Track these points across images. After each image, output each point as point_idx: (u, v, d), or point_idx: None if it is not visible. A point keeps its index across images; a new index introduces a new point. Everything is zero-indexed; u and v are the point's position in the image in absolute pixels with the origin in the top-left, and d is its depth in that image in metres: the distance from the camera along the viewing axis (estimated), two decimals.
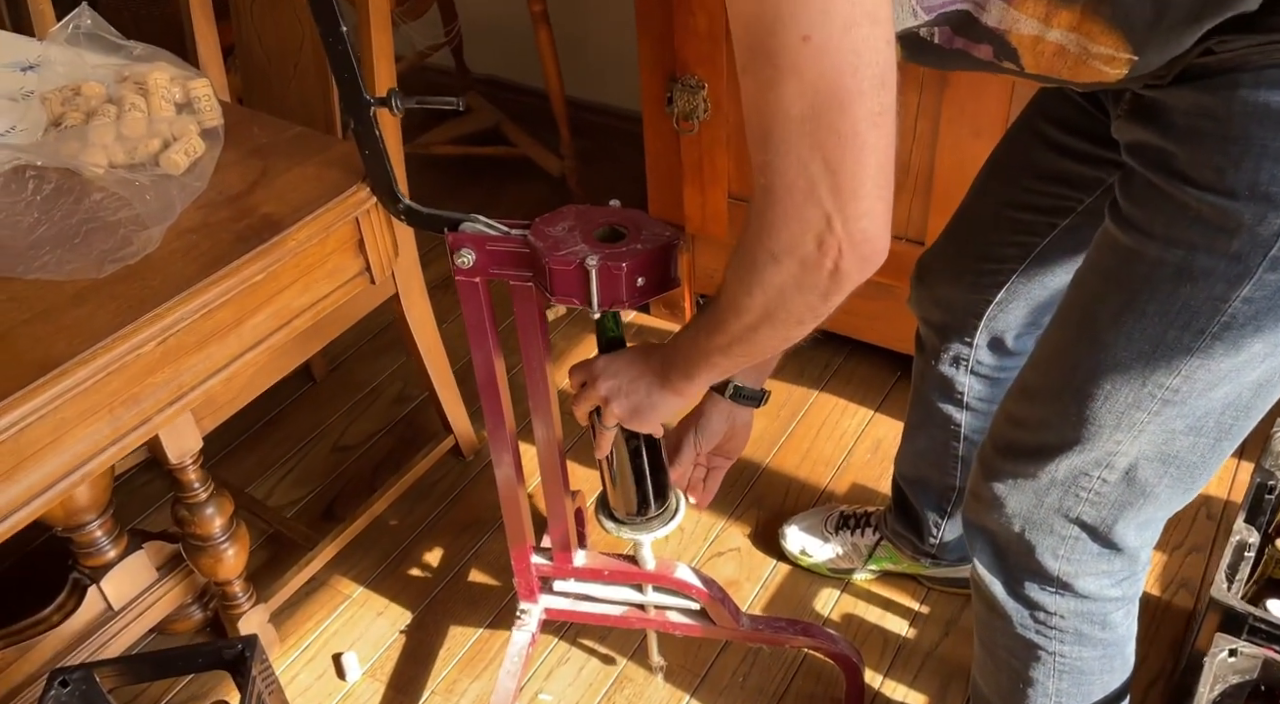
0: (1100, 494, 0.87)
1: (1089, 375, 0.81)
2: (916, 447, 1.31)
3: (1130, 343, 0.78)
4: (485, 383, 1.06)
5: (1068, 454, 0.85)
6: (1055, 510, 0.89)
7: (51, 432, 0.81)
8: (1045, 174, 0.99)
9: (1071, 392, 0.83)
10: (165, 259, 0.91)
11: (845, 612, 1.43)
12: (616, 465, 1.06)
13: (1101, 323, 0.80)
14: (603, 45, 2.31)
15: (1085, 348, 0.82)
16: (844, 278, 0.69)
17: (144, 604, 1.33)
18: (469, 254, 0.95)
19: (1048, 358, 0.88)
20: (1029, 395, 0.90)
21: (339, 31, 0.86)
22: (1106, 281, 0.80)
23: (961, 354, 1.18)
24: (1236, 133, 0.68)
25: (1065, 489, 0.87)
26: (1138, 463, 0.84)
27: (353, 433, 1.76)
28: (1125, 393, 0.80)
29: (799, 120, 0.62)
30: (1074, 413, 0.83)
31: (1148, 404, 0.80)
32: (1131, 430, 0.82)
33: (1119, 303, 0.78)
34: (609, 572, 1.23)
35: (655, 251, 0.90)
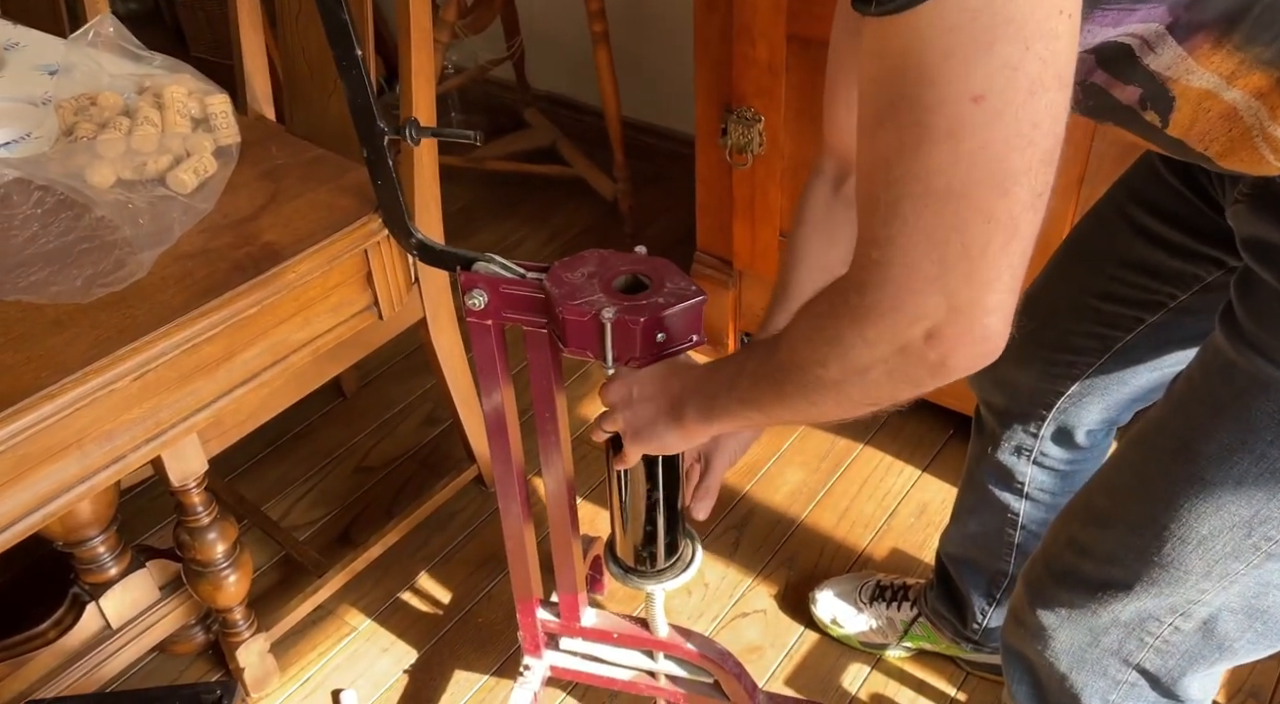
0: (1170, 643, 0.76)
1: (1183, 516, 0.71)
2: (967, 530, 1.21)
3: (1240, 487, 0.68)
4: (494, 429, 1.00)
5: (1139, 596, 0.75)
6: (1113, 653, 0.78)
7: (12, 468, 0.76)
8: (1134, 263, 0.88)
9: (1156, 530, 0.72)
10: (156, 286, 0.87)
11: (875, 691, 1.33)
12: (630, 513, 1.00)
13: (1206, 459, 0.70)
14: (663, 68, 2.25)
15: (1182, 485, 0.71)
16: (948, 372, 0.57)
17: (144, 624, 1.29)
18: (481, 296, 0.89)
19: (1129, 485, 0.77)
20: (1100, 522, 0.79)
21: (354, 55, 0.80)
22: (1216, 411, 0.69)
23: (1025, 444, 1.07)
24: None
25: (1129, 632, 0.77)
26: (1220, 614, 0.73)
27: (377, 454, 1.71)
28: (1225, 541, 0.70)
29: (942, 195, 0.50)
30: (1155, 553, 0.73)
31: (1249, 556, 0.70)
32: (1223, 580, 0.71)
33: (1231, 438, 0.68)
34: (618, 635, 1.15)
35: (677, 307, 0.83)
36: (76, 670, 1.24)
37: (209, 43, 2.96)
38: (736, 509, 1.57)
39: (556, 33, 2.37)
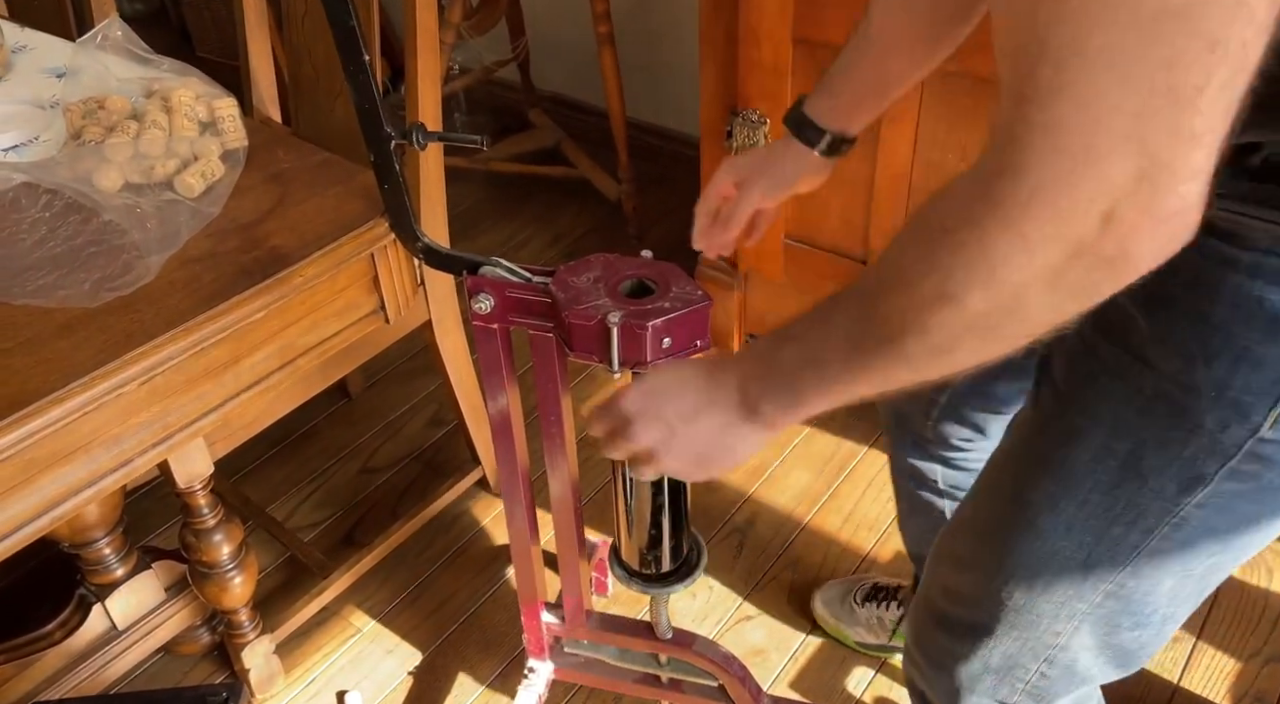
0: (1039, 687, 0.78)
1: (1024, 562, 0.72)
2: (913, 533, 1.21)
3: (1070, 533, 0.69)
4: (499, 432, 1.00)
5: (1002, 640, 0.77)
6: (989, 695, 0.80)
7: (19, 472, 0.77)
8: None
9: (1005, 575, 0.74)
10: (163, 290, 0.87)
11: (879, 695, 1.33)
12: (635, 516, 1.00)
13: (1036, 507, 0.70)
14: (668, 70, 2.25)
15: (1020, 532, 0.72)
16: (1131, 268, 0.44)
17: (150, 625, 1.29)
18: (487, 300, 0.89)
19: (978, 531, 0.78)
20: (959, 566, 0.80)
21: (361, 60, 0.81)
22: (1042, 463, 0.69)
23: (923, 440, 1.07)
24: (1218, 322, 0.55)
25: (1000, 677, 0.79)
26: (1079, 655, 0.75)
27: (382, 455, 1.72)
28: (1065, 585, 0.71)
29: (1152, 16, 0.38)
30: (1007, 598, 0.74)
31: (1090, 596, 0.71)
32: (1072, 621, 0.73)
33: (1057, 489, 0.68)
34: (623, 638, 1.15)
35: (683, 312, 0.83)
36: (82, 671, 1.24)
37: (214, 44, 2.96)
38: (741, 512, 1.57)
39: (561, 34, 2.37)
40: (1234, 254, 0.54)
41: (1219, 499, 0.62)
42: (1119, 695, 1.30)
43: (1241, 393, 0.57)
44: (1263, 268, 0.53)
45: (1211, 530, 0.65)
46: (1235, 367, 0.56)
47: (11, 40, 1.31)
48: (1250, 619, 1.37)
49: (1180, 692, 1.31)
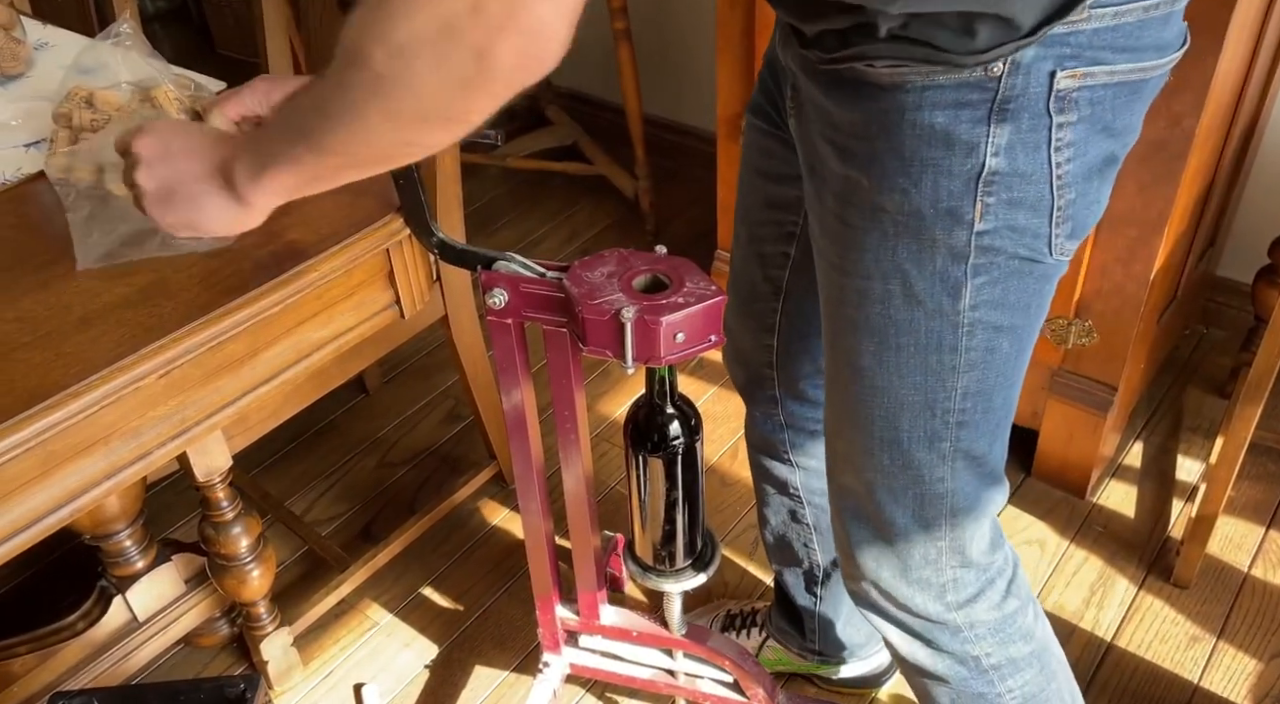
0: (950, 536, 0.85)
1: (885, 422, 0.80)
2: (771, 528, 1.23)
3: (904, 378, 0.78)
4: (514, 427, 1.00)
5: (908, 507, 0.83)
6: (925, 565, 0.86)
7: (39, 465, 0.78)
8: (764, 201, 0.96)
9: (880, 444, 0.81)
10: (181, 284, 0.88)
11: (893, 692, 1.33)
12: (649, 511, 1.00)
13: (868, 371, 0.79)
14: (684, 66, 2.25)
15: (869, 399, 0.80)
16: (493, 68, 0.52)
17: (170, 617, 1.31)
18: (502, 295, 0.89)
19: (841, 418, 0.85)
20: (845, 460, 0.86)
21: None
22: (853, 328, 0.79)
23: (769, 410, 1.11)
24: (910, 153, 0.68)
25: (922, 541, 0.85)
26: (959, 488, 0.82)
27: (399, 450, 1.73)
28: (921, 428, 0.79)
29: None
30: (889, 463, 0.81)
31: (945, 433, 0.79)
32: (945, 460, 0.81)
33: (875, 344, 0.77)
34: (637, 633, 1.16)
35: (696, 307, 0.83)
36: (104, 662, 1.25)
37: (235, 41, 2.98)
38: (755, 508, 1.57)
39: (578, 30, 2.35)
40: (902, 98, 0.67)
41: (984, 297, 0.73)
42: (1138, 696, 1.29)
43: (948, 200, 0.69)
44: (925, 100, 0.66)
45: (997, 327, 0.74)
46: (935, 180, 0.68)
47: (34, 37, 1.32)
48: (1271, 620, 1.36)
49: (1200, 692, 1.29)
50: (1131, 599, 1.41)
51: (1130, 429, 1.62)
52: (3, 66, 1.24)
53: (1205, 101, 1.15)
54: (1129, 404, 1.52)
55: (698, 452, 0.97)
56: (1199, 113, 1.16)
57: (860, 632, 1.26)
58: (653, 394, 0.95)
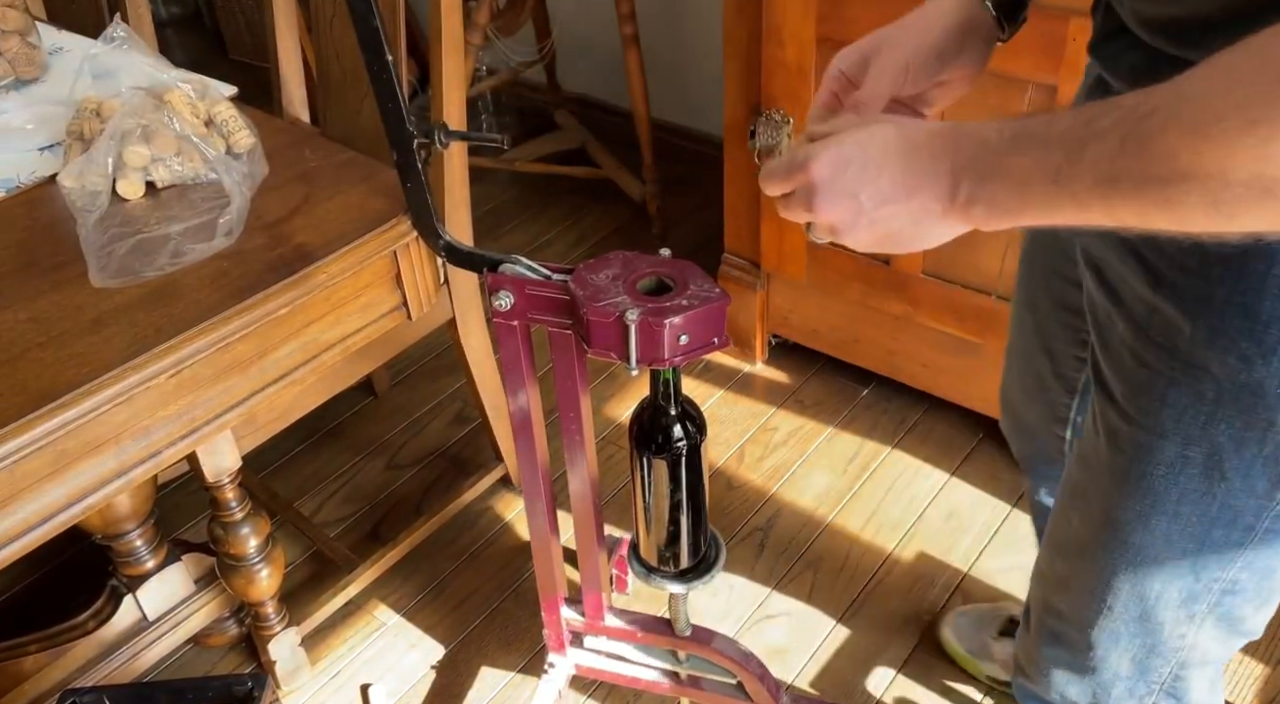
0: (1175, 685, 0.77)
1: (1129, 578, 0.71)
2: None
3: (1170, 544, 0.68)
4: (520, 429, 1.01)
5: (1129, 648, 0.75)
6: (1127, 697, 0.79)
7: (51, 463, 0.79)
8: (1056, 301, 0.85)
9: (1112, 594, 0.73)
10: (192, 285, 0.89)
11: (900, 696, 1.33)
12: (653, 513, 1.00)
13: (1128, 526, 0.69)
14: (692, 70, 2.26)
15: (1116, 552, 0.71)
16: None
17: (179, 616, 1.32)
18: (507, 297, 0.90)
19: (1073, 550, 0.76)
20: (1062, 586, 0.79)
21: (384, 60, 0.82)
22: (1121, 482, 0.68)
23: (1055, 486, 1.02)
24: (1268, 316, 0.54)
25: (1133, 682, 0.78)
26: (1209, 648, 0.74)
27: (407, 452, 1.73)
28: (1177, 590, 0.71)
29: None
30: (1121, 612, 0.73)
31: (1205, 596, 0.70)
32: (1193, 621, 0.71)
33: (1145, 506, 0.67)
34: (642, 635, 1.16)
35: (700, 309, 0.83)
36: (114, 661, 1.26)
37: (248, 47, 3.00)
38: (762, 511, 1.58)
39: (587, 35, 2.38)
40: (1274, 247, 0.52)
41: None
42: None
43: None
44: None
45: None
46: None
47: (48, 42, 1.34)
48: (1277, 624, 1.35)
49: None
50: None
51: None
52: (18, 71, 1.26)
53: None
54: None
55: (702, 453, 0.98)
56: None
57: None
58: (657, 396, 0.96)
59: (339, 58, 1.37)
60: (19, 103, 1.23)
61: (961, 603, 1.42)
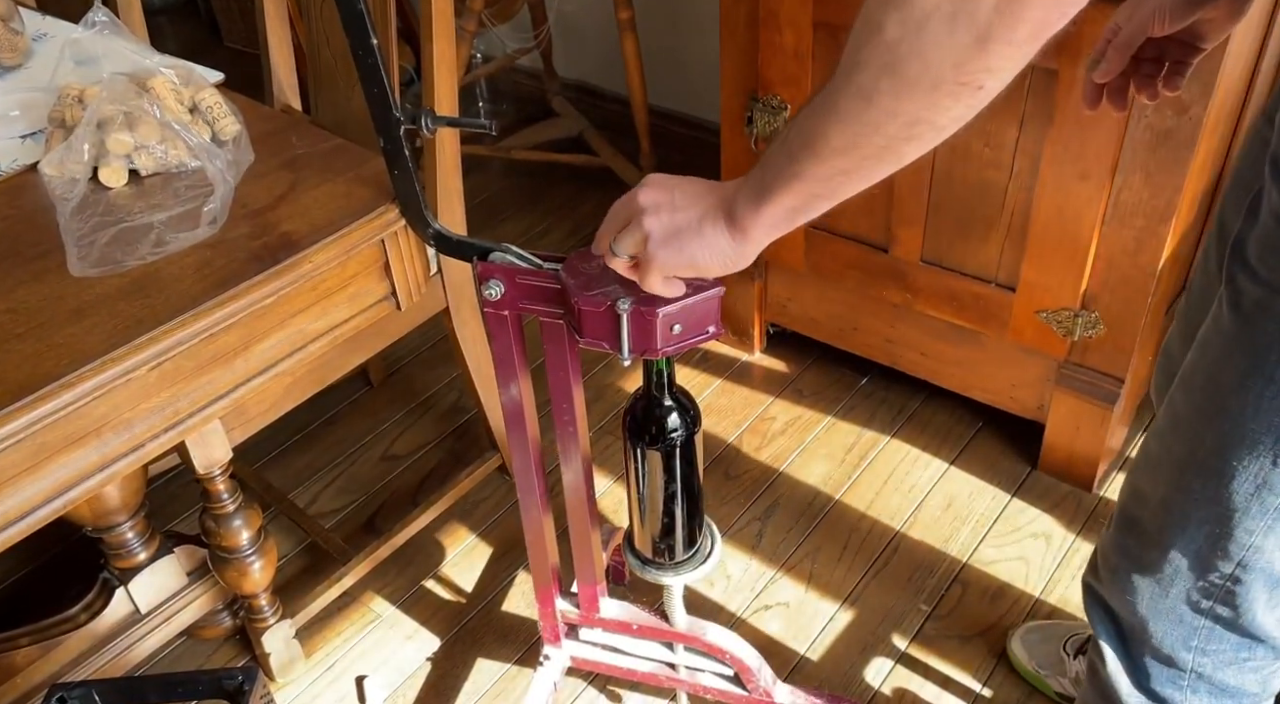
0: (1234, 592, 0.76)
1: (1214, 449, 0.71)
2: None
3: (1259, 413, 0.68)
4: (512, 420, 1.00)
5: (1194, 540, 0.75)
6: (1184, 600, 0.79)
7: (30, 457, 0.77)
8: None
9: (1196, 467, 0.73)
10: (175, 275, 0.87)
11: (898, 686, 1.32)
12: (647, 504, 0.99)
13: (1227, 389, 0.70)
14: (690, 56, 2.23)
15: (1209, 418, 0.72)
16: (1013, 18, 0.49)
17: (172, 609, 1.31)
18: (498, 286, 0.88)
19: (1170, 426, 0.77)
20: (1151, 466, 0.79)
21: (369, 44, 0.80)
22: (1230, 341, 0.70)
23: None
24: None
25: (1194, 580, 0.77)
26: (1276, 556, 0.73)
27: (403, 443, 1.72)
28: (1256, 469, 0.70)
29: None
30: (1198, 492, 0.73)
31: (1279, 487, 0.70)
32: (1266, 516, 0.71)
33: (1245, 366, 0.68)
34: (638, 626, 1.15)
35: (693, 299, 0.82)
36: (106, 654, 1.26)
37: (242, 34, 2.98)
38: (760, 501, 1.56)
39: (584, 21, 2.36)
40: None
41: None
42: None
43: None
44: None
45: None
46: None
47: (32, 28, 1.32)
48: None
49: None
50: None
51: (1138, 422, 1.61)
52: (1, 58, 1.24)
53: (1214, 90, 1.13)
54: (1137, 396, 1.50)
55: (696, 444, 0.97)
56: (1207, 101, 1.14)
57: None
58: (650, 386, 0.94)
59: (329, 43, 1.35)
60: (1, 89, 1.21)
61: (961, 593, 1.41)
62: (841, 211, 1.63)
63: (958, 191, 1.39)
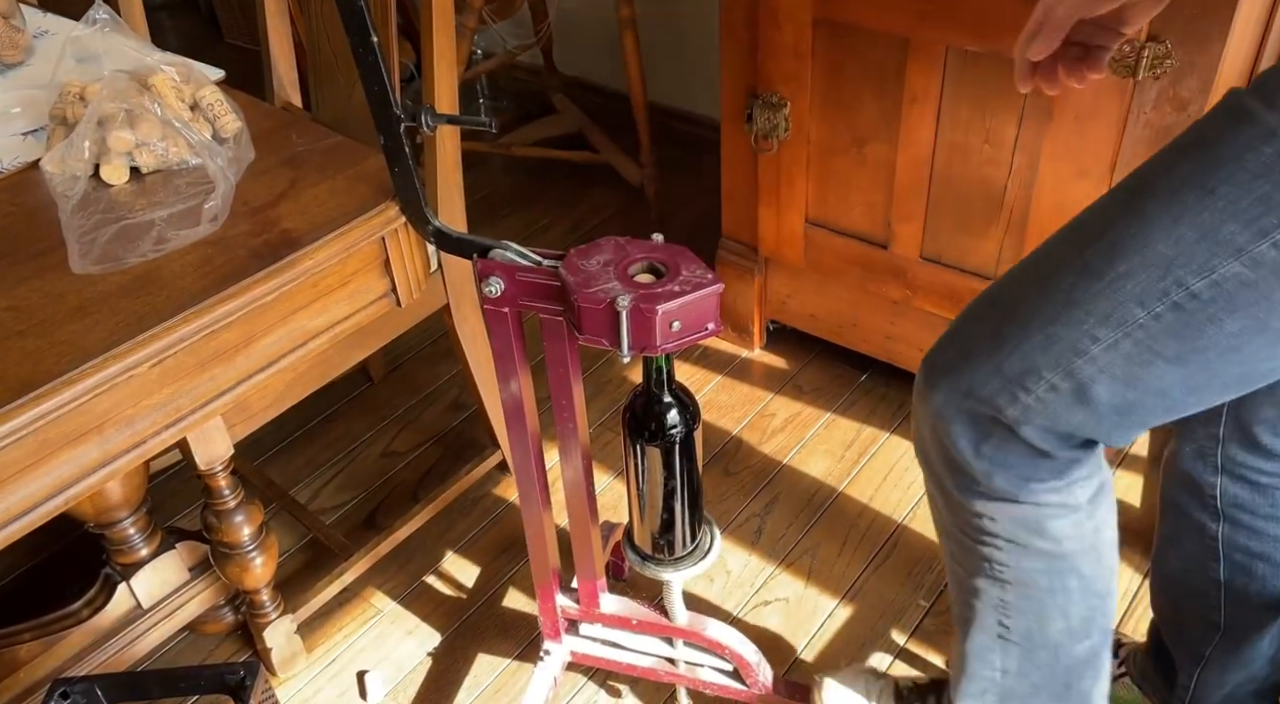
0: (1042, 400, 0.76)
1: (1108, 249, 0.70)
2: (1168, 569, 1.09)
3: (1176, 223, 0.67)
4: (512, 417, 1.00)
5: (1033, 337, 0.75)
6: (985, 402, 0.79)
7: (33, 454, 0.78)
8: None
9: (1079, 264, 0.72)
10: (176, 272, 0.87)
11: None
12: (647, 500, 1.00)
13: (1154, 194, 0.68)
14: (690, 53, 2.23)
15: (1121, 218, 0.70)
16: None
17: (174, 604, 1.31)
18: (498, 283, 0.89)
19: (1072, 224, 0.76)
20: (1027, 261, 0.79)
21: (369, 41, 0.81)
22: (1188, 146, 0.68)
23: (1206, 447, 0.98)
24: None
25: (1005, 384, 0.77)
26: (1096, 380, 0.73)
27: (403, 439, 1.73)
28: (1137, 280, 0.69)
29: None
30: (1067, 287, 0.72)
31: (1153, 303, 0.69)
32: (1118, 329, 0.71)
33: (1188, 172, 0.66)
34: (637, 621, 1.16)
35: (693, 295, 0.82)
36: (108, 649, 1.26)
37: (242, 30, 2.98)
38: (760, 497, 1.57)
39: (584, 18, 2.36)
40: None
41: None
42: None
43: None
44: None
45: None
46: None
47: (33, 25, 1.32)
48: None
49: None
50: (1136, 589, 1.40)
51: None
52: (1, 55, 1.24)
53: (1212, 85, 1.13)
54: None
55: (695, 441, 0.97)
56: (1205, 97, 1.14)
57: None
58: (650, 383, 0.95)
59: (329, 39, 1.35)
60: (2, 87, 1.21)
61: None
62: (841, 209, 1.64)
63: (957, 188, 1.39)
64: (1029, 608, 0.91)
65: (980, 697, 0.99)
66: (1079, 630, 0.92)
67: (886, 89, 1.36)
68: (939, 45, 1.29)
